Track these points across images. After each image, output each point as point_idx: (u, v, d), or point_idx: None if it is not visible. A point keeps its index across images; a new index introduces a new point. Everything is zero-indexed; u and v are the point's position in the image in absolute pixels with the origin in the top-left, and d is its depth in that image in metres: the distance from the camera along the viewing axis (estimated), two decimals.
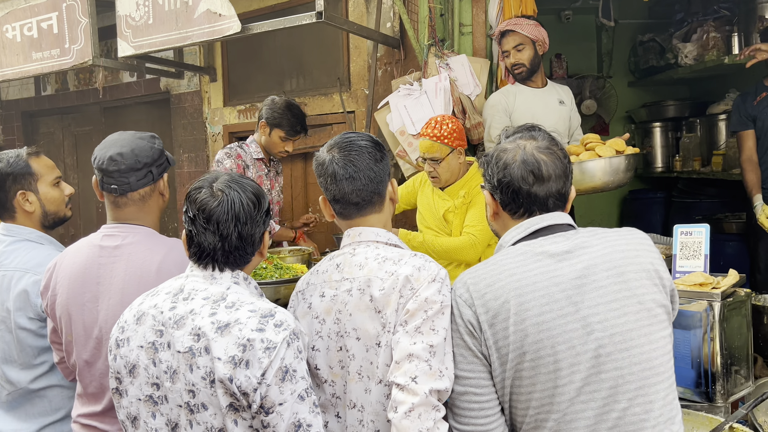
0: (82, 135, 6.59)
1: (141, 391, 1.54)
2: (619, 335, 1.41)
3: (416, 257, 1.58)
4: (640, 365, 1.41)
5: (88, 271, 1.88)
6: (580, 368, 1.39)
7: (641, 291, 1.46)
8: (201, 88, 5.53)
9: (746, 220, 4.10)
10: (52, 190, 2.26)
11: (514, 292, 1.43)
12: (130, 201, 1.94)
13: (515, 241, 1.55)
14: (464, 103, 3.55)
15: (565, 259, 1.47)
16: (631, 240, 1.54)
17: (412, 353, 1.45)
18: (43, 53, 4.59)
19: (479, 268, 1.53)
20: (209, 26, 3.77)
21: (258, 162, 3.54)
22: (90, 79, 6.29)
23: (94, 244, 1.92)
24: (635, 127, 5.83)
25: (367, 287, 1.57)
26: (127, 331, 1.58)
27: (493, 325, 1.43)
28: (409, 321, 1.49)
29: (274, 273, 2.59)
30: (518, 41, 3.41)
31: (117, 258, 1.87)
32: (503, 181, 1.55)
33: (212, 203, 1.53)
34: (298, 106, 3.48)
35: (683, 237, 2.45)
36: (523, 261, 1.48)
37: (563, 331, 1.40)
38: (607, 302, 1.43)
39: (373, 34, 4.07)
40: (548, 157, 1.53)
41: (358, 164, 1.64)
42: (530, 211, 1.56)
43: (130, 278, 1.83)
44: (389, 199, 1.73)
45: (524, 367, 1.41)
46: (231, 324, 1.44)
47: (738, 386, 2.26)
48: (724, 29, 4.56)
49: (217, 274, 1.56)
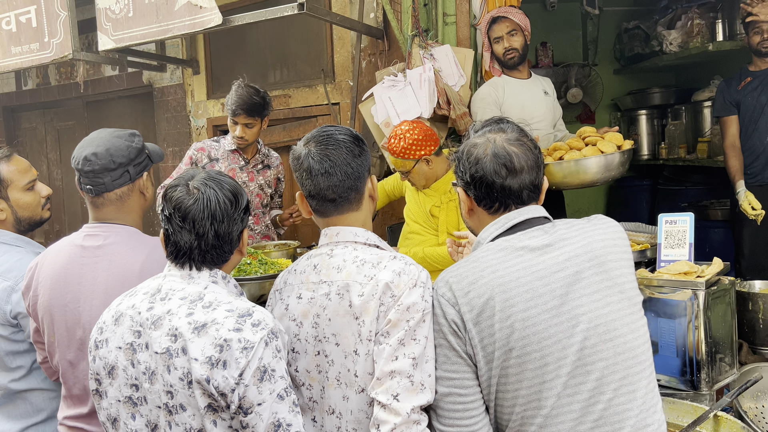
0: (64, 129, 6.52)
1: (120, 392, 1.53)
2: (603, 326, 1.40)
3: (396, 260, 1.54)
4: (623, 354, 1.41)
5: (70, 271, 1.85)
6: (566, 362, 1.38)
7: (622, 280, 1.46)
8: (184, 81, 5.48)
9: (730, 207, 4.11)
10: (24, 195, 2.19)
11: (498, 288, 1.41)
12: (107, 201, 1.90)
13: (494, 237, 1.53)
14: (449, 93, 3.53)
15: (546, 252, 1.46)
16: (607, 229, 1.54)
17: (394, 369, 1.43)
18: (23, 47, 4.52)
19: (460, 266, 1.50)
20: (190, 18, 3.72)
21: (232, 154, 3.49)
22: (72, 73, 6.21)
23: (76, 244, 1.89)
24: (621, 114, 5.84)
25: (346, 292, 1.53)
26: (105, 332, 1.56)
27: (478, 323, 1.41)
28: (391, 332, 1.46)
29: (258, 268, 2.56)
30: (511, 27, 3.43)
31: (99, 258, 1.84)
32: (476, 176, 1.53)
33: (188, 201, 1.51)
34: (251, 87, 3.34)
35: (668, 226, 2.44)
36: (504, 257, 1.46)
37: (549, 326, 1.39)
38: (591, 293, 1.42)
39: (357, 25, 4.03)
40: (519, 149, 1.52)
41: (334, 159, 1.58)
42: (506, 205, 1.54)
43: (114, 279, 1.80)
44: (368, 196, 1.67)
45: (510, 364, 1.39)
46: (208, 324, 1.42)
47: (723, 374, 2.27)
48: (708, 16, 4.56)
49: (195, 273, 1.54)
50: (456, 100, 3.54)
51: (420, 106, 3.54)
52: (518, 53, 3.47)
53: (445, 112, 3.54)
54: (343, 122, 4.55)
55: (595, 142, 2.91)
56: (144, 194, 1.97)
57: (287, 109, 4.89)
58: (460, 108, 3.54)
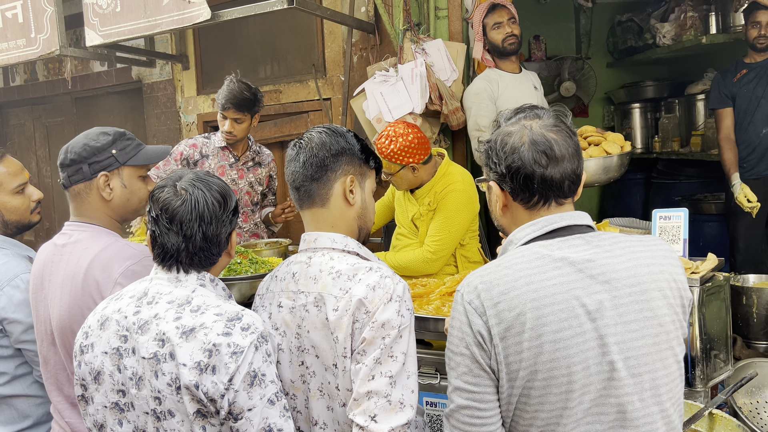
0: (53, 126, 6.45)
1: (107, 398, 1.50)
2: (633, 359, 1.31)
3: (371, 272, 1.49)
4: (650, 392, 1.32)
5: (45, 269, 1.87)
6: (591, 389, 1.29)
7: (663, 312, 1.34)
8: (173, 76, 5.42)
9: (725, 200, 4.10)
10: (13, 198, 2.12)
11: (531, 303, 1.29)
12: (71, 197, 1.90)
13: (529, 239, 1.40)
14: (441, 88, 3.50)
15: (586, 268, 1.33)
16: (656, 252, 1.40)
17: (371, 390, 1.40)
18: (9, 43, 4.46)
19: (491, 272, 1.37)
20: (178, 13, 3.67)
21: (222, 151, 3.45)
22: (60, 68, 6.14)
23: (53, 241, 1.92)
24: (614, 108, 5.82)
25: (322, 305, 1.50)
26: (91, 336, 1.53)
27: (506, 338, 1.30)
28: (367, 350, 1.42)
29: (249, 268, 2.53)
30: (510, 15, 3.44)
31: (62, 257, 1.85)
32: (513, 167, 1.38)
33: (175, 202, 1.48)
34: (243, 83, 3.30)
35: (662, 222, 2.43)
36: (540, 267, 1.34)
37: (580, 350, 1.28)
38: (626, 322, 1.31)
39: (348, 19, 3.99)
40: (558, 135, 1.39)
41: (304, 146, 1.59)
42: (546, 198, 1.40)
43: (66, 277, 1.80)
44: (342, 196, 1.61)
45: (534, 386, 1.29)
46: (196, 328, 1.39)
47: (717, 370, 2.26)
48: (701, 8, 4.54)
49: (182, 276, 1.51)
50: (448, 95, 3.51)
51: (412, 102, 3.52)
52: (517, 40, 3.47)
53: (437, 108, 3.51)
54: (335, 118, 4.51)
55: (598, 142, 2.88)
56: (103, 197, 1.88)
57: (278, 104, 4.84)
58: (453, 103, 3.51)
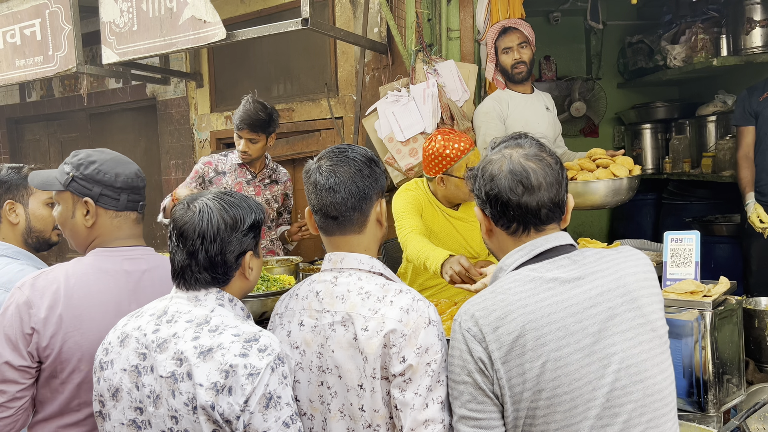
0: (68, 142, 6.53)
1: (124, 415, 1.51)
2: (634, 366, 1.34)
3: (402, 294, 1.50)
4: (652, 396, 1.35)
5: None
6: (595, 404, 1.31)
7: (654, 317, 1.40)
8: (187, 94, 5.49)
9: (740, 221, 4.05)
10: (42, 208, 2.24)
11: (529, 325, 1.32)
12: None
13: (518, 264, 1.45)
14: (452, 109, 3.52)
15: (577, 286, 1.38)
16: (637, 262, 1.46)
17: (428, 418, 1.42)
18: (27, 60, 4.54)
19: (486, 298, 1.40)
20: (194, 33, 3.73)
21: (239, 168, 3.49)
22: (75, 85, 6.23)
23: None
24: (624, 128, 5.83)
25: (350, 324, 1.49)
26: (111, 353, 1.54)
27: (507, 361, 1.32)
28: (414, 378, 1.43)
29: (260, 285, 2.54)
30: (522, 39, 3.37)
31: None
32: (491, 194, 1.45)
33: (184, 219, 1.51)
34: (258, 103, 3.32)
35: (674, 244, 2.43)
36: (533, 289, 1.37)
37: (581, 366, 1.31)
38: (623, 331, 1.35)
39: (360, 39, 4.04)
40: (537, 164, 1.43)
41: (341, 176, 1.54)
42: (524, 224, 1.45)
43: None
44: (375, 220, 1.62)
45: (539, 406, 1.31)
46: (214, 349, 1.40)
47: (730, 395, 2.24)
48: (712, 31, 4.55)
49: (202, 295, 1.52)
50: (459, 116, 3.54)
51: (423, 122, 3.54)
52: (526, 67, 3.42)
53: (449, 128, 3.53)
54: (347, 136, 4.54)
55: (607, 164, 2.87)
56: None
57: (290, 122, 4.89)
58: (464, 123, 3.53)
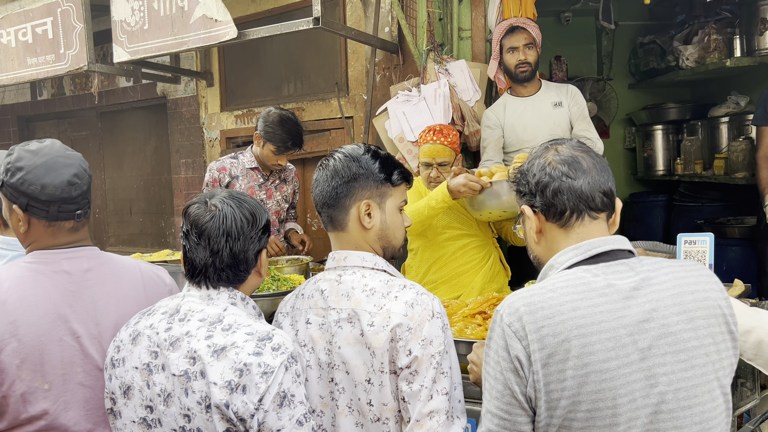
0: (78, 140, 6.56)
1: (135, 413, 1.51)
2: (683, 391, 1.27)
3: (406, 289, 1.52)
4: (699, 425, 1.27)
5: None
6: (637, 423, 1.24)
7: (708, 341, 1.31)
8: (198, 93, 5.50)
9: (756, 223, 4.01)
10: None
11: (576, 330, 1.25)
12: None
13: (572, 263, 1.37)
14: (463, 109, 3.51)
15: (633, 296, 1.30)
16: (699, 277, 1.37)
17: (432, 410, 1.45)
18: (38, 58, 4.56)
19: (535, 293, 1.31)
20: (205, 32, 3.73)
21: (252, 171, 3.49)
22: (86, 83, 6.26)
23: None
24: (636, 129, 5.80)
25: (356, 320, 1.51)
26: (122, 350, 1.54)
27: (548, 365, 1.24)
28: (419, 370, 1.45)
29: (271, 285, 2.54)
30: (529, 40, 3.32)
31: None
32: (542, 181, 1.40)
33: (205, 218, 1.51)
34: (293, 119, 3.36)
35: (687, 246, 2.40)
36: (586, 293, 1.29)
37: (626, 382, 1.24)
38: (675, 352, 1.28)
39: (371, 39, 4.03)
40: (584, 153, 1.42)
41: (321, 174, 1.63)
42: (578, 211, 1.38)
43: None
44: (358, 221, 1.61)
45: (577, 417, 1.24)
46: (227, 347, 1.40)
47: (744, 399, 2.22)
48: (725, 31, 4.51)
49: (214, 294, 1.52)
50: (470, 116, 3.52)
51: (434, 122, 3.53)
52: (530, 68, 3.34)
53: (459, 128, 3.52)
54: (357, 136, 4.54)
55: None
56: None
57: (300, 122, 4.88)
58: (474, 125, 3.52)
